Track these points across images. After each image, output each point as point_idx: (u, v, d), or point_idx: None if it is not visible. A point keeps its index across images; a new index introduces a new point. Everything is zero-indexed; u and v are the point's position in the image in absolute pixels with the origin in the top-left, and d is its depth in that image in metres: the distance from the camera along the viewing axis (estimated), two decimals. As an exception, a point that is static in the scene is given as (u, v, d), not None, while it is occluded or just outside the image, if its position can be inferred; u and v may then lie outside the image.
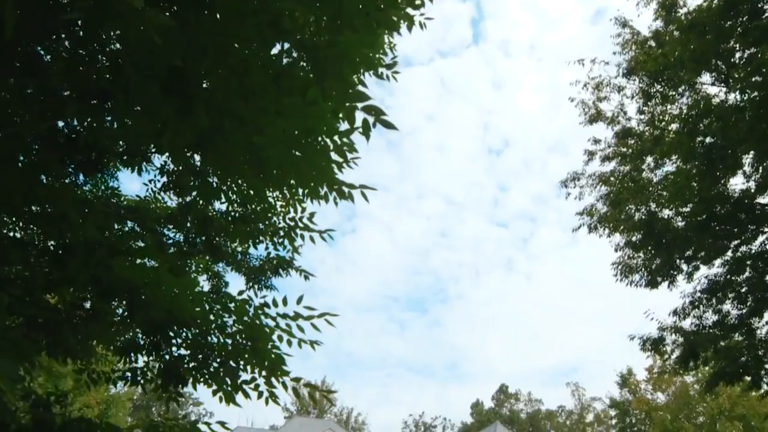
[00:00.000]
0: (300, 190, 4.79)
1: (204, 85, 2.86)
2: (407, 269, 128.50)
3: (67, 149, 4.38)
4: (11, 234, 4.20)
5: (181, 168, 4.55)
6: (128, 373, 4.25)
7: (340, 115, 3.38)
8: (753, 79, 8.27)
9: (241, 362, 4.05)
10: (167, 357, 3.97)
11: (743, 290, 10.76)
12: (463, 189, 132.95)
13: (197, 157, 4.25)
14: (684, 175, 9.26)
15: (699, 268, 11.17)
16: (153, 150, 4.98)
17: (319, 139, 3.32)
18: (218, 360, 3.96)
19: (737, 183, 10.20)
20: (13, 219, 4.12)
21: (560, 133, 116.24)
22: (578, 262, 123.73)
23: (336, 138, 3.35)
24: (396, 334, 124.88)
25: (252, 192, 5.08)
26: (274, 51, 3.09)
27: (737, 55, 9.28)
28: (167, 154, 5.13)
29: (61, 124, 4.79)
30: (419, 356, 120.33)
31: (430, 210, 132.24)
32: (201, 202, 5.23)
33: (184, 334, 3.61)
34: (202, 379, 4.34)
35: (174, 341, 3.66)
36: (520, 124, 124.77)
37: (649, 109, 10.67)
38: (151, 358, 4.27)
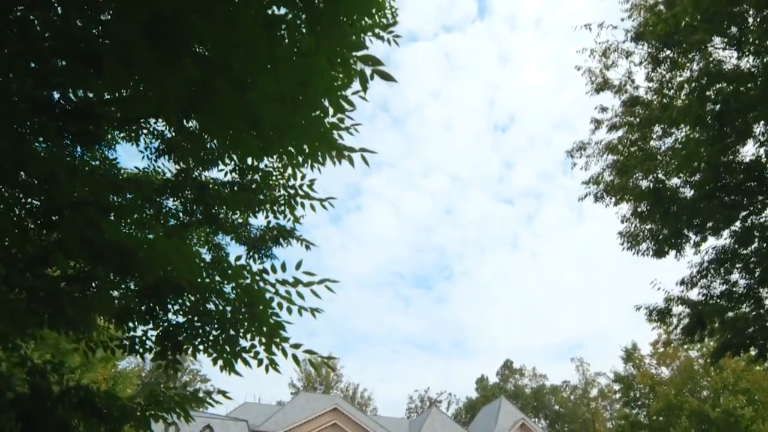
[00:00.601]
0: (299, 156, 4.68)
1: (192, 36, 2.72)
2: (412, 246, 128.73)
3: (63, 119, 4.28)
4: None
5: (175, 133, 4.43)
6: (126, 342, 4.19)
7: (338, 73, 3.25)
8: (767, 43, 8.02)
9: (241, 330, 3.98)
10: (164, 324, 3.90)
11: (751, 261, 10.61)
12: (468, 166, 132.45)
13: (193, 124, 4.14)
14: (693, 141, 9.05)
15: (707, 239, 11.02)
16: (148, 117, 4.87)
17: (316, 98, 3.19)
18: (217, 327, 3.89)
19: (748, 151, 9.99)
20: (11, 191, 4.02)
21: (566, 110, 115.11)
22: (583, 239, 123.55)
23: (333, 95, 3.22)
24: (401, 311, 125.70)
25: (249, 158, 4.98)
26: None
27: (750, 20, 9.00)
28: (163, 122, 5.03)
29: (57, 95, 4.68)
30: (424, 333, 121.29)
31: (435, 187, 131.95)
32: (198, 169, 5.13)
33: (180, 300, 3.53)
34: (201, 347, 4.28)
35: (170, 307, 3.58)
36: (526, 101, 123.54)
37: (657, 76, 10.40)
38: (149, 326, 4.20)
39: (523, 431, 46.07)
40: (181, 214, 5.80)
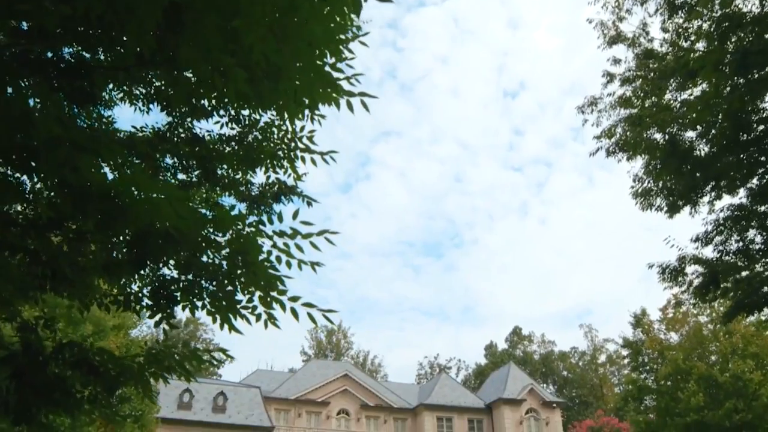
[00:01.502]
0: (297, 103, 4.44)
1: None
2: (422, 214, 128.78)
3: (57, 77, 4.08)
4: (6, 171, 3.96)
5: (162, 80, 4.19)
6: (120, 298, 4.05)
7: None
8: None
9: (238, 285, 3.82)
10: (158, 278, 3.75)
11: (768, 220, 10.30)
12: (477, 133, 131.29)
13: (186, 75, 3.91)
14: (712, 91, 8.62)
15: (722, 196, 10.69)
16: (134, 64, 4.64)
17: (305, 28, 2.95)
18: (212, 282, 3.73)
19: None
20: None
21: (577, 76, 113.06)
22: (593, 206, 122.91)
23: (325, 27, 2.97)
24: (411, 279, 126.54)
25: (244, 108, 4.75)
26: None
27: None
28: (151, 71, 4.79)
29: (50, 54, 4.46)
30: (434, 300, 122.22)
31: (444, 154, 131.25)
32: (191, 120, 4.92)
33: (173, 251, 3.35)
34: (199, 303, 4.14)
35: (163, 260, 3.41)
36: (537, 66, 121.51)
37: (673, 26, 9.92)
38: (144, 282, 4.05)
39: (532, 396, 46.53)
40: (179, 173, 5.62)
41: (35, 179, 2.96)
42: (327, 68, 3.73)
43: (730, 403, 28.39)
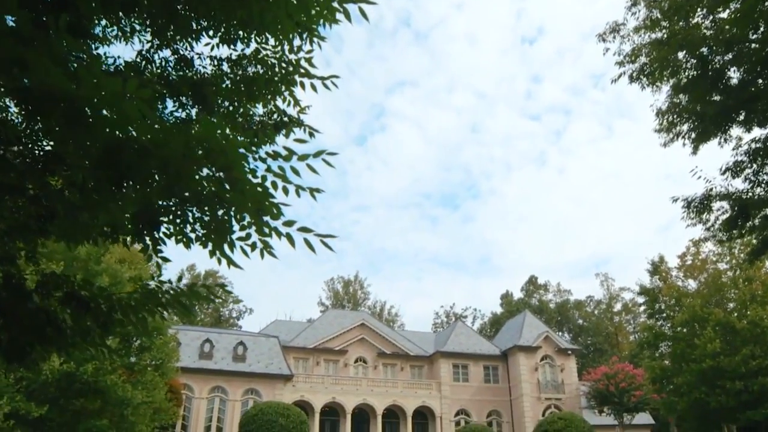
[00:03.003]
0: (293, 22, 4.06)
1: None
2: (438, 166, 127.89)
3: (43, 10, 3.73)
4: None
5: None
6: (107, 229, 3.80)
7: None
8: None
9: (228, 210, 3.54)
10: (139, 202, 3.43)
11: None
12: (494, 81, 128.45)
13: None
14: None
15: (752, 129, 10.02)
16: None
17: None
18: (199, 205, 3.44)
19: None
20: None
21: (598, 19, 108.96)
22: (612, 154, 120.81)
23: None
24: (428, 230, 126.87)
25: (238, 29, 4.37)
26: None
27: None
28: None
29: None
30: (451, 251, 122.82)
31: (460, 104, 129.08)
32: (180, 42, 4.55)
33: (150, 167, 3.03)
34: (192, 235, 3.88)
35: (141, 178, 3.09)
36: (556, 10, 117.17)
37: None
38: (126, 209, 3.74)
39: (547, 343, 46.94)
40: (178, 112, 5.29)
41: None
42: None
43: (747, 349, 28.29)
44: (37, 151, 3.52)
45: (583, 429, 34.42)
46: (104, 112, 2.46)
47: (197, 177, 2.96)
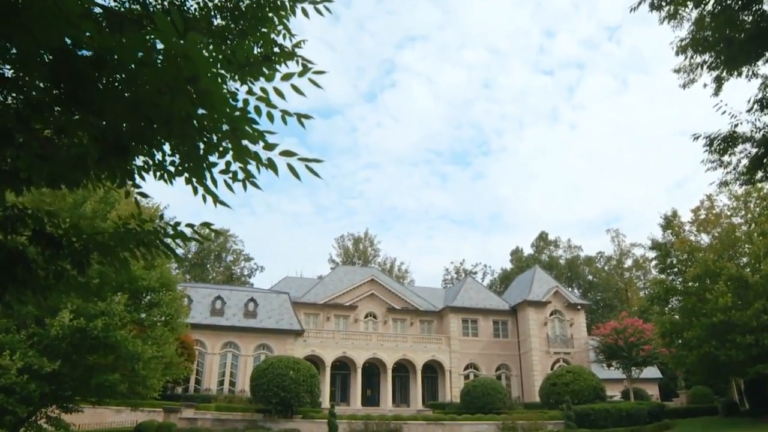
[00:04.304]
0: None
1: None
2: (449, 122, 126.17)
3: None
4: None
5: None
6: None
7: None
8: None
9: (202, 131, 3.18)
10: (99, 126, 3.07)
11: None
12: (506, 36, 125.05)
13: None
14: None
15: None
16: None
17: None
18: (165, 129, 3.08)
19: None
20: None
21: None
22: (626, 110, 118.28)
23: None
24: (439, 188, 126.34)
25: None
26: None
27: None
28: None
29: None
30: (462, 208, 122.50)
31: (472, 60, 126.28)
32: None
33: (103, 76, 2.66)
34: (171, 166, 3.55)
35: (96, 91, 2.72)
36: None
37: None
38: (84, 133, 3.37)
39: (557, 298, 46.98)
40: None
41: None
42: None
43: (759, 303, 27.96)
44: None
45: (591, 382, 34.69)
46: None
47: (160, 91, 2.60)
